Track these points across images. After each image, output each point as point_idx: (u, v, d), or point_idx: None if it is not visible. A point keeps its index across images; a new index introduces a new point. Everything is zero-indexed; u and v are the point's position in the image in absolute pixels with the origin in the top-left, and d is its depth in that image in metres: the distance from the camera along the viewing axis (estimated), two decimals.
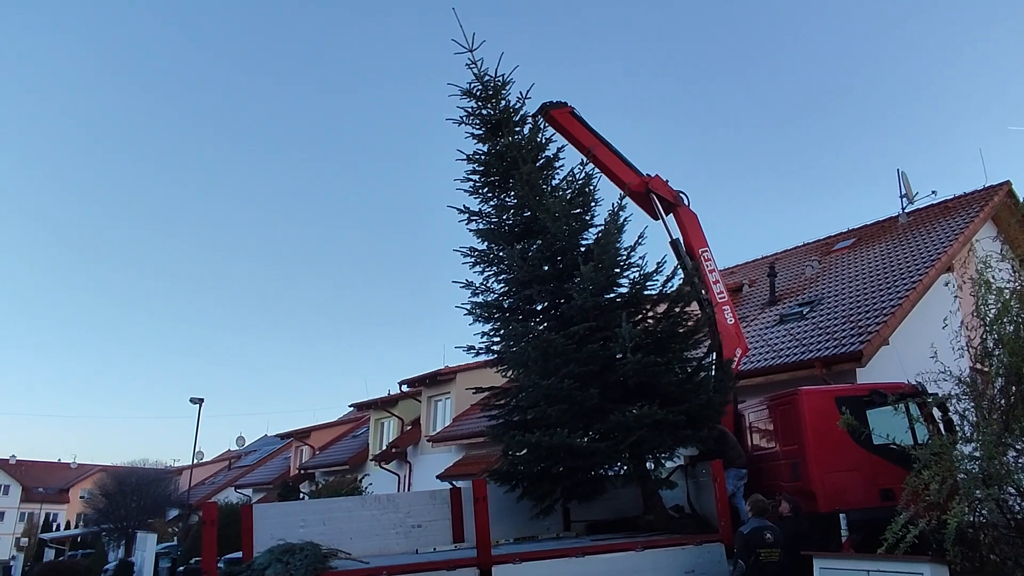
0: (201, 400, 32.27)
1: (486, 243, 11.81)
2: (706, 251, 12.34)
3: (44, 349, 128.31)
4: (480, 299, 11.65)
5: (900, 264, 15.74)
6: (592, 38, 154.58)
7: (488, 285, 11.71)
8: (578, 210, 11.48)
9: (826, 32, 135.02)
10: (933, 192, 18.95)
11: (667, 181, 12.53)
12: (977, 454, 7.96)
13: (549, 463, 10.15)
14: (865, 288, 15.28)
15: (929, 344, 8.77)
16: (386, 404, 29.15)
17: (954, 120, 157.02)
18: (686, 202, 12.55)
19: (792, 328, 14.92)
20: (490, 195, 12.04)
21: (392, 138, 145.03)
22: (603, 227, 11.18)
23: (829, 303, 15.48)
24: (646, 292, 11.30)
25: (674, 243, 12.27)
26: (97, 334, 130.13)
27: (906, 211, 19.25)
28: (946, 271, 14.01)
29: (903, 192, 19.32)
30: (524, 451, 10.38)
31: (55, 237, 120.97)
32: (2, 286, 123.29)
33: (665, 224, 12.44)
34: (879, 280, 15.36)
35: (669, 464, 11.02)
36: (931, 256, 15.11)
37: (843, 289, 15.97)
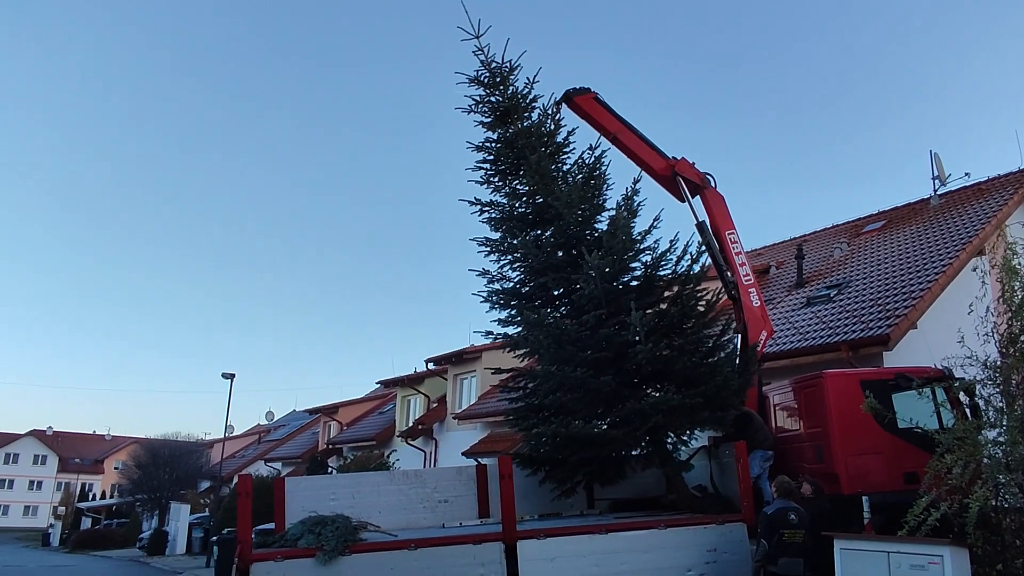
0: (233, 375, 32.81)
1: (500, 232, 11.78)
2: (733, 233, 12.28)
3: (80, 323, 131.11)
4: (496, 286, 11.67)
5: (930, 247, 15.56)
6: (615, 22, 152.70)
7: (503, 272, 11.71)
8: (590, 195, 11.40)
9: (859, 11, 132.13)
10: (966, 174, 18.62)
11: (694, 163, 12.47)
12: (1001, 439, 7.97)
13: (568, 452, 10.21)
14: (894, 271, 15.14)
15: (957, 329, 8.75)
16: (412, 381, 29.47)
17: (990, 100, 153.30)
18: (713, 184, 12.47)
19: (819, 311, 14.86)
20: (501, 184, 11.98)
21: (422, 117, 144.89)
22: (615, 212, 11.09)
23: (857, 286, 15.37)
24: (660, 272, 11.27)
25: (700, 225, 12.22)
26: (132, 309, 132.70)
27: (938, 193, 18.94)
28: (977, 255, 13.84)
29: (935, 174, 18.98)
30: (544, 439, 10.49)
31: (90, 213, 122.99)
32: (40, 262, 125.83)
33: (691, 207, 12.37)
34: (908, 263, 15.21)
35: (693, 444, 11.09)
36: (962, 239, 14.90)
37: (871, 272, 15.84)
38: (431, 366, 27.56)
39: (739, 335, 11.86)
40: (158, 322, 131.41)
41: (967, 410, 9.34)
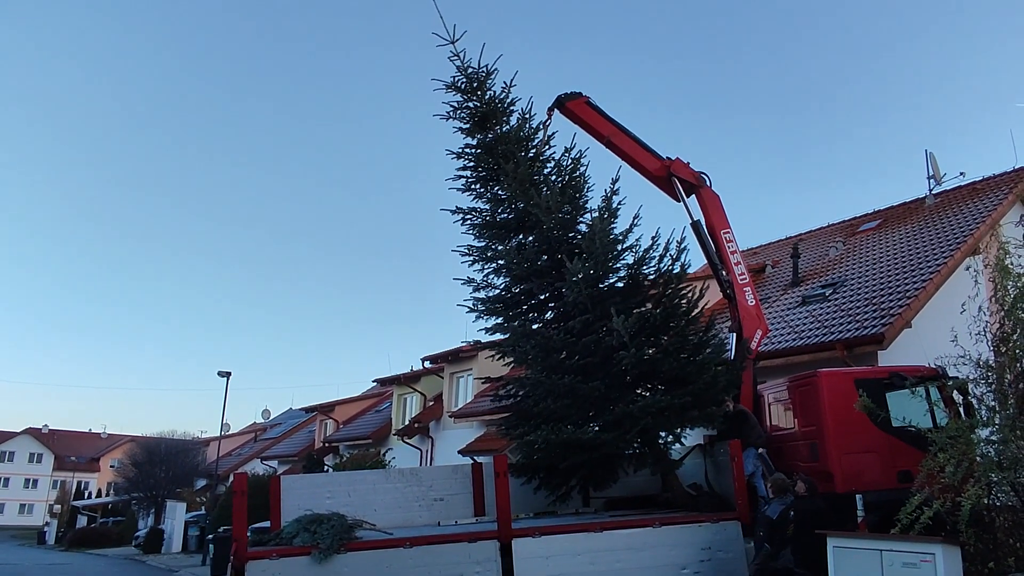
0: (229, 373, 32.66)
1: (483, 239, 11.71)
2: (728, 232, 12.27)
3: (76, 321, 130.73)
4: (482, 294, 11.60)
5: (925, 247, 15.60)
6: (608, 20, 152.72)
7: (488, 280, 11.63)
8: (571, 197, 11.36)
9: (855, 10, 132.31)
10: (961, 174, 18.64)
11: (688, 163, 12.46)
12: (994, 438, 8.01)
13: (559, 458, 10.18)
14: (889, 270, 15.18)
15: (951, 328, 8.79)
16: (409, 380, 29.45)
17: (986, 100, 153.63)
18: (708, 183, 12.45)
19: (814, 310, 14.90)
20: (483, 190, 11.92)
21: (420, 111, 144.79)
22: (596, 214, 11.02)
23: (852, 285, 15.41)
24: (644, 271, 11.24)
25: (695, 225, 12.22)
26: (128, 307, 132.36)
27: (933, 192, 19.00)
28: (972, 254, 13.89)
29: (931, 173, 19.05)
30: (535, 446, 10.49)
31: (86, 210, 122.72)
32: (36, 261, 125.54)
33: (687, 206, 12.36)
34: (903, 262, 15.25)
35: (686, 443, 11.10)
36: (957, 239, 14.95)
37: (867, 271, 15.88)
38: (427, 364, 27.55)
39: (733, 334, 11.88)
40: (154, 320, 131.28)
41: (960, 409, 9.37)
